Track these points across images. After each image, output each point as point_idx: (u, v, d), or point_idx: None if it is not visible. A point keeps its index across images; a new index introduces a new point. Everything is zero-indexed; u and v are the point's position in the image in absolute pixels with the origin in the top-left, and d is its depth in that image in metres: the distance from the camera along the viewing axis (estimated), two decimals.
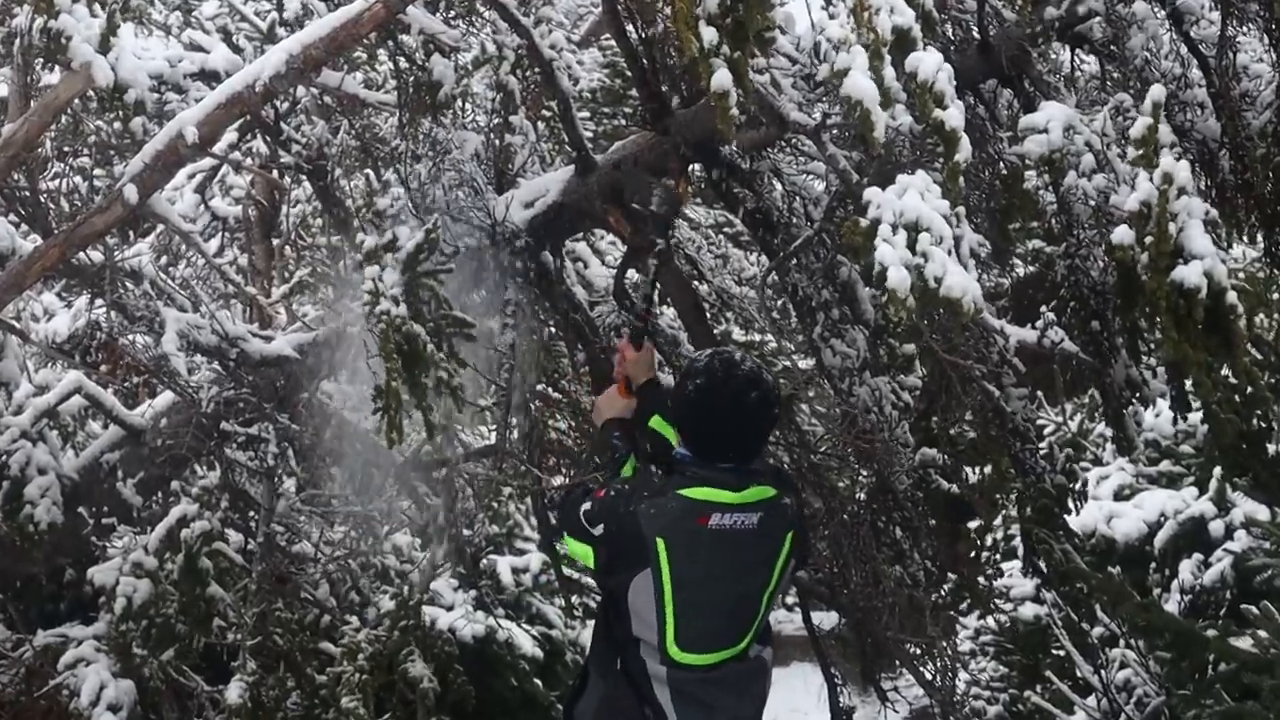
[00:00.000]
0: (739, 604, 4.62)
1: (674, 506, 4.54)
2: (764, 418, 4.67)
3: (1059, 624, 10.46)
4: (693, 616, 4.54)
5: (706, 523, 4.53)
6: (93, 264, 7.01)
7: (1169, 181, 4.94)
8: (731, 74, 4.84)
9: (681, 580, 4.51)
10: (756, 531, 4.59)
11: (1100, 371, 6.85)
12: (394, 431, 6.08)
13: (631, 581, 4.54)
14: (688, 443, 4.72)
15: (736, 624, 4.64)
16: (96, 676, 7.41)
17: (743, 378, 4.65)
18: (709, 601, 4.55)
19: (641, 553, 4.51)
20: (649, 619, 4.55)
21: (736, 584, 4.60)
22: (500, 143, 7.08)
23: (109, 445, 7.59)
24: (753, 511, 4.59)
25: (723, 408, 4.61)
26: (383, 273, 6.19)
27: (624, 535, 4.55)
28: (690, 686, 4.58)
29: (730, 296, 8.48)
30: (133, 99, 6.08)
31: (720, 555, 4.55)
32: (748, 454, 4.65)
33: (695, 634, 4.56)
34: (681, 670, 4.57)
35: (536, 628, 12.56)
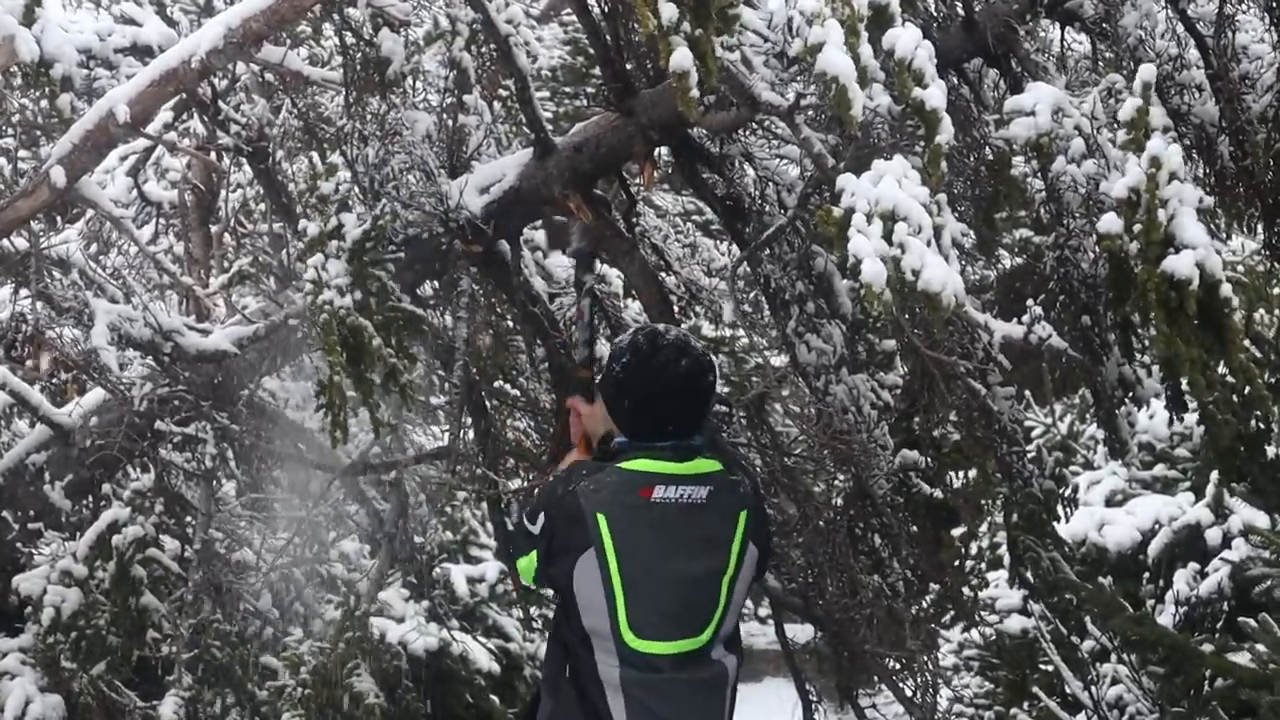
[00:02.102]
0: (694, 585, 4.57)
1: (613, 480, 4.56)
2: (698, 386, 4.67)
3: (1047, 637, 10.51)
4: (644, 597, 4.50)
5: (650, 495, 4.52)
6: (17, 252, 6.97)
7: (1158, 166, 4.95)
8: (693, 52, 4.83)
9: (627, 557, 4.49)
10: (706, 506, 4.57)
11: (1091, 369, 6.87)
12: (339, 430, 6.08)
13: (575, 566, 4.51)
14: (624, 428, 4.73)
15: (693, 610, 4.58)
16: (22, 690, 7.36)
17: (670, 347, 4.66)
18: (660, 581, 4.52)
19: (583, 533, 4.50)
20: (598, 604, 4.51)
21: (689, 562, 4.55)
22: (454, 124, 7.06)
23: (35, 445, 7.54)
24: (700, 484, 4.58)
25: (653, 382, 4.63)
26: (327, 262, 6.18)
27: (563, 516, 4.55)
28: (644, 694, 4.52)
29: (699, 289, 8.46)
30: (60, 75, 6.04)
31: (667, 530, 4.53)
32: (687, 428, 4.66)
33: (648, 617, 4.51)
34: (637, 668, 4.51)
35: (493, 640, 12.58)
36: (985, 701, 12.99)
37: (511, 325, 8.39)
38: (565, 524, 4.54)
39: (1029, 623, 11.54)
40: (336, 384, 5.99)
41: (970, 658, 13.26)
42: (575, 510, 4.52)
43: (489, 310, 8.25)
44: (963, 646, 13.32)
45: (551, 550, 4.59)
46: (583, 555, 4.50)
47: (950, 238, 4.97)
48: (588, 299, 5.98)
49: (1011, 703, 11.89)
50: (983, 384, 7.10)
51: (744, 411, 7.47)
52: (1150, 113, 5.07)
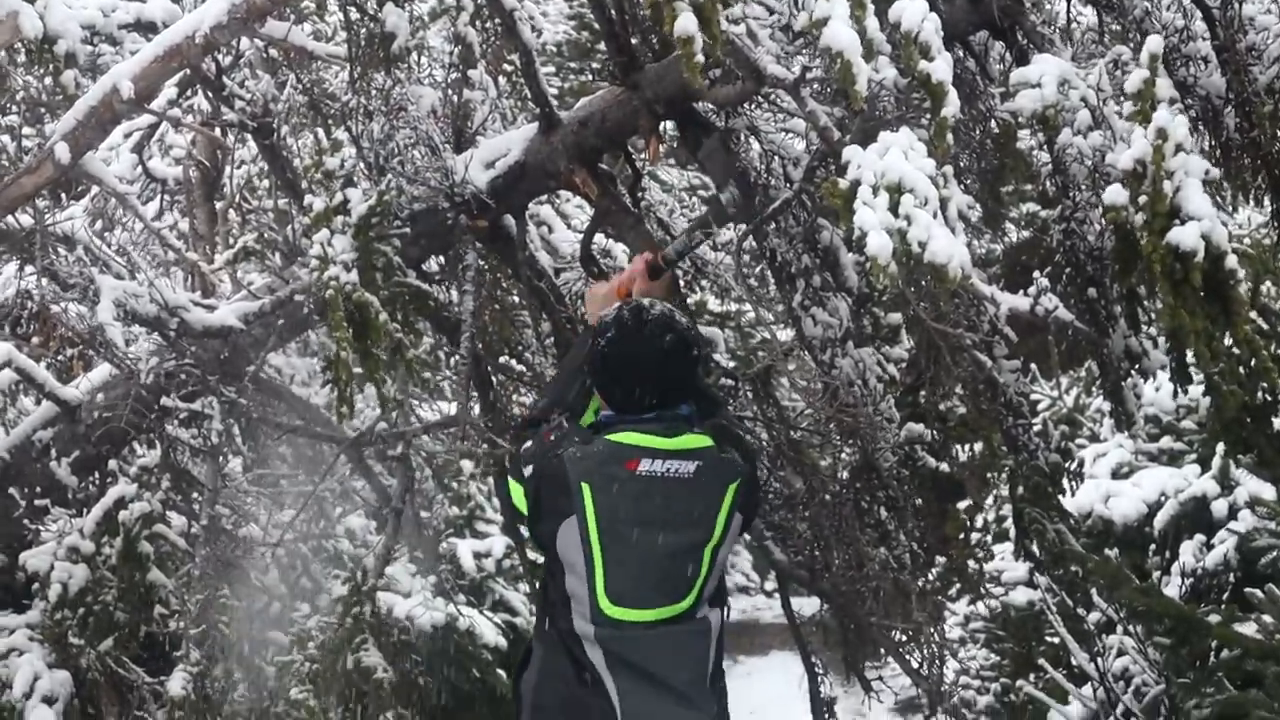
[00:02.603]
0: (676, 558, 4.63)
1: (600, 450, 4.61)
2: (681, 361, 4.73)
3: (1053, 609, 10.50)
4: (623, 568, 4.57)
5: (635, 467, 4.58)
6: (22, 228, 6.98)
7: (1164, 137, 4.94)
8: (698, 19, 4.82)
9: (608, 527, 4.55)
10: (693, 481, 4.63)
11: (1097, 342, 6.86)
12: (345, 405, 6.08)
13: (559, 529, 4.59)
14: (607, 400, 4.80)
15: (674, 580, 4.64)
16: (30, 667, 7.38)
17: (654, 323, 4.74)
18: (640, 552, 4.57)
19: (566, 499, 4.57)
20: (579, 570, 4.58)
21: (672, 535, 4.61)
22: (459, 99, 7.06)
23: (41, 422, 7.55)
24: (688, 459, 4.63)
25: (637, 357, 4.70)
26: (332, 237, 6.19)
27: (549, 479, 4.62)
28: (619, 646, 4.58)
29: (704, 263, 8.45)
30: (64, 51, 6.04)
31: (651, 503, 4.58)
32: (671, 400, 4.73)
33: (626, 587, 4.58)
34: (611, 628, 4.58)
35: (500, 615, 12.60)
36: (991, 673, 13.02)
37: (517, 300, 8.39)
38: (550, 487, 4.62)
39: (1035, 595, 11.54)
40: (343, 359, 6.00)
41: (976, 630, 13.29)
42: (561, 475, 4.58)
43: (494, 285, 8.26)
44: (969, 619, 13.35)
45: (539, 511, 4.68)
46: (565, 521, 4.58)
47: (956, 210, 4.97)
48: (702, 234, 5.95)
49: (1017, 674, 11.90)
50: (989, 357, 7.10)
51: (750, 385, 7.47)
52: (1157, 84, 5.05)
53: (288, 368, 8.30)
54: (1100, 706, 9.81)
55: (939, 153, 4.94)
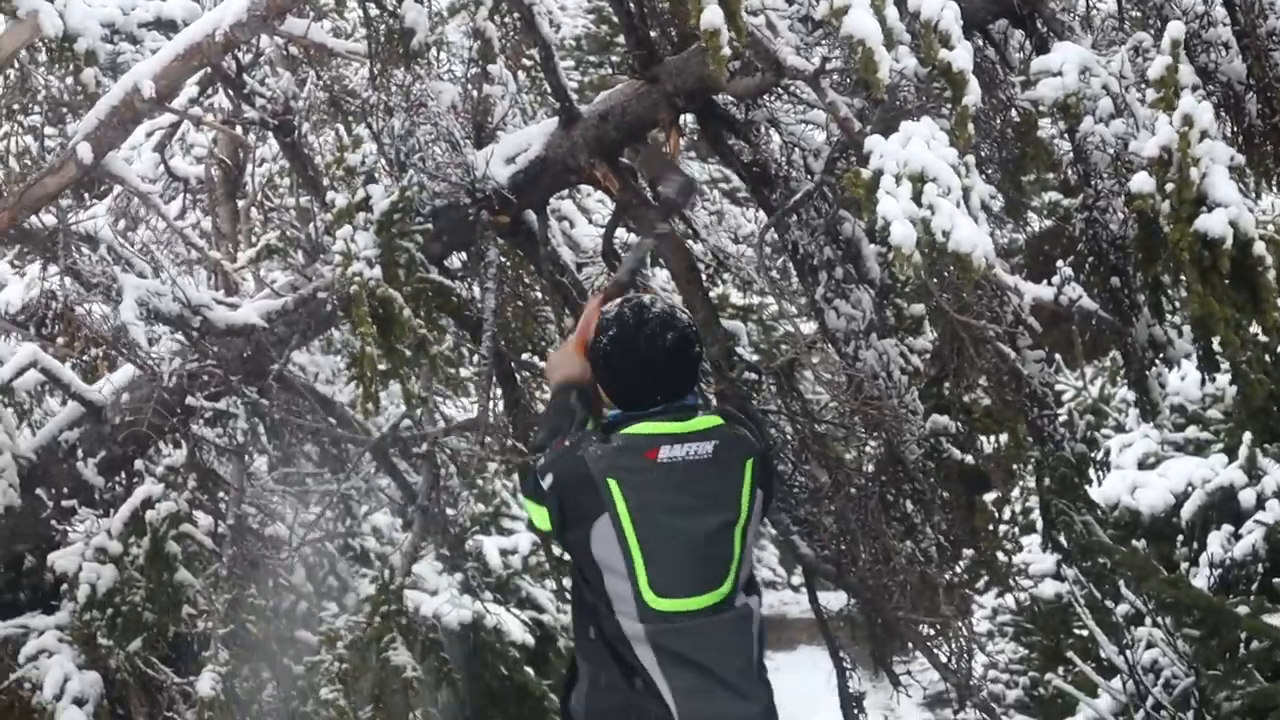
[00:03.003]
0: (709, 540, 4.60)
1: (619, 445, 4.59)
2: (685, 357, 4.72)
3: (1081, 602, 10.49)
4: (662, 557, 4.53)
5: (656, 456, 4.56)
6: (45, 228, 7.00)
7: (1190, 124, 4.93)
8: (723, 10, 4.83)
9: (641, 519, 4.52)
10: (712, 460, 4.61)
11: (1122, 331, 6.84)
12: (370, 403, 6.09)
13: (591, 531, 4.54)
14: (613, 398, 4.79)
15: (712, 564, 4.61)
16: (60, 669, 7.40)
17: (656, 320, 4.72)
18: (676, 539, 4.55)
19: (594, 498, 4.53)
20: (618, 568, 4.54)
21: (702, 518, 4.59)
22: (479, 94, 7.07)
23: (68, 423, 7.58)
24: (705, 440, 4.62)
25: (641, 354, 4.68)
26: (355, 234, 6.20)
27: (573, 482, 4.58)
28: (671, 641, 4.54)
29: (727, 256, 8.44)
30: (84, 49, 6.06)
31: (677, 488, 4.57)
32: (676, 394, 4.71)
33: (669, 576, 4.54)
34: (660, 623, 4.54)
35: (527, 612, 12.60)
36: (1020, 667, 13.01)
37: (539, 296, 8.39)
38: (575, 490, 4.58)
39: (1063, 587, 11.53)
40: (367, 356, 6.01)
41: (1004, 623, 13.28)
42: (585, 475, 4.55)
43: (516, 281, 8.26)
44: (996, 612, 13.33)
45: (565, 517, 4.62)
46: (597, 521, 4.53)
47: (979, 199, 4.96)
48: (656, 240, 5.94)
49: (1046, 668, 11.89)
50: (1013, 347, 7.08)
51: (774, 379, 7.46)
52: (1180, 70, 5.04)
53: (311, 365, 8.31)
54: (1130, 699, 9.79)
55: (961, 142, 4.94)
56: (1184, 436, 11.80)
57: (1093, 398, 12.92)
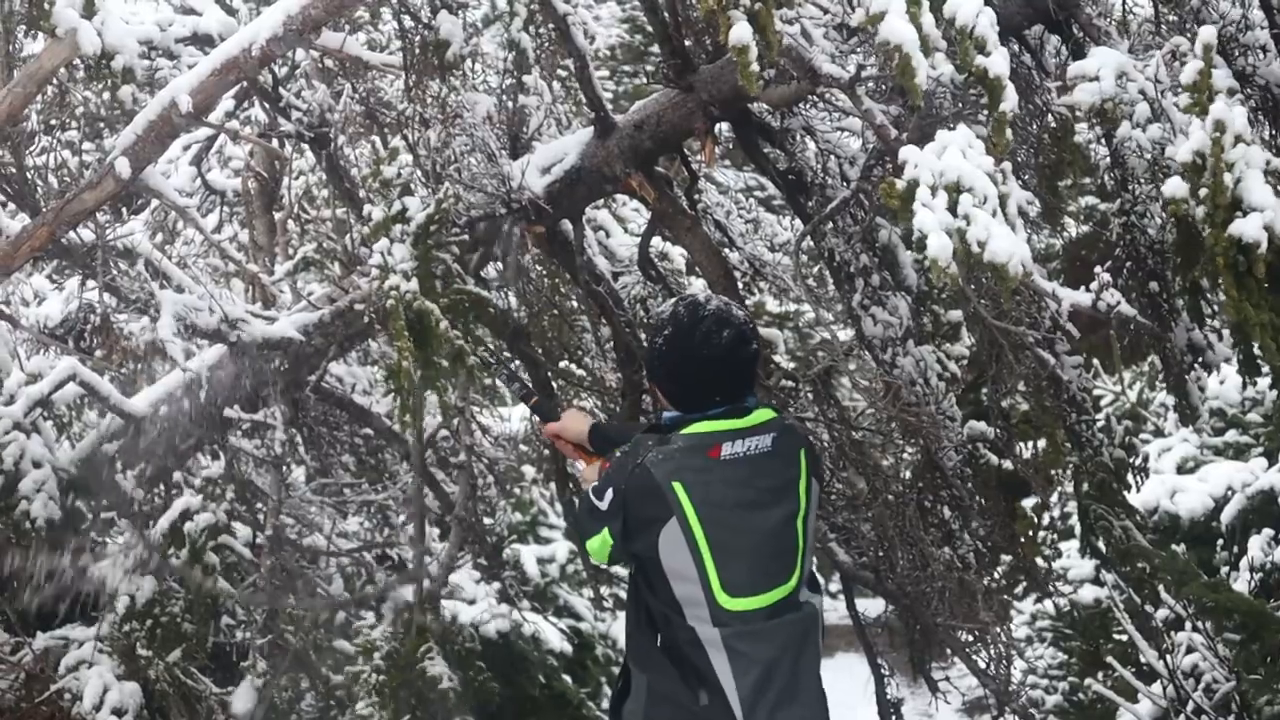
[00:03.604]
0: (775, 535, 4.58)
1: (681, 446, 4.54)
2: (743, 354, 4.65)
3: (1120, 607, 10.45)
4: (732, 556, 4.49)
5: (719, 454, 4.52)
6: (84, 243, 7.03)
7: (1222, 129, 4.91)
8: (753, 26, 4.83)
9: (710, 519, 4.48)
10: (772, 453, 4.59)
11: (1160, 336, 6.82)
12: (407, 414, 6.10)
13: (659, 538, 4.49)
14: (671, 399, 4.73)
15: (779, 558, 4.59)
16: (99, 679, 7.44)
17: (712, 317, 4.65)
18: (744, 537, 4.52)
19: (661, 504, 4.48)
20: (688, 573, 4.49)
21: (767, 513, 4.57)
22: (514, 105, 7.08)
23: (107, 435, 7.60)
24: (764, 433, 4.60)
25: (697, 352, 4.62)
26: (391, 246, 6.21)
27: (637, 491, 4.52)
28: (745, 645, 4.51)
29: (763, 264, 8.43)
30: (121, 66, 6.09)
31: (742, 484, 4.53)
32: (735, 394, 4.66)
33: (740, 575, 4.51)
34: (735, 624, 4.50)
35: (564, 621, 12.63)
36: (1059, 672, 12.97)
37: (575, 305, 8.40)
38: (640, 497, 4.51)
39: (1102, 592, 11.49)
40: (404, 367, 6.01)
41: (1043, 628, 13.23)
42: (649, 482, 4.49)
43: (553, 290, 8.28)
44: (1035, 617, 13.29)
45: (629, 527, 4.56)
46: (665, 526, 4.48)
47: (1015, 207, 4.94)
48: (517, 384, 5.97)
49: (1085, 673, 11.84)
50: (1051, 353, 7.06)
51: (811, 386, 7.46)
52: (1213, 75, 5.02)
53: (348, 376, 8.33)
54: (1170, 704, 9.74)
55: (997, 149, 4.92)
56: (1224, 440, 11.75)
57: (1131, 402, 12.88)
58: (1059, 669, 13.02)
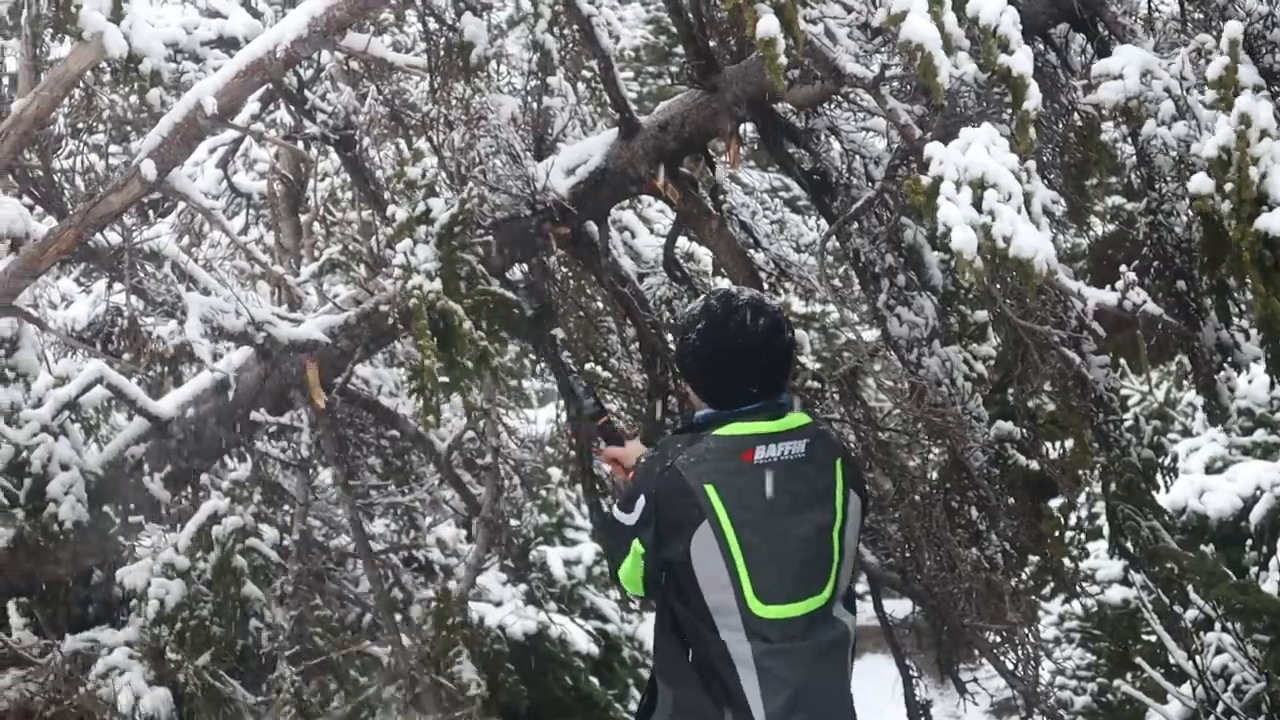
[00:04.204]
0: (809, 542, 4.50)
1: (714, 448, 4.47)
2: (778, 344, 4.59)
3: (1149, 607, 10.40)
4: (765, 562, 4.42)
5: (752, 457, 4.45)
6: (111, 246, 7.05)
7: (1247, 124, 4.89)
8: (779, 20, 4.83)
9: (742, 525, 4.40)
10: (806, 459, 4.51)
11: (1188, 335, 6.81)
12: (432, 415, 6.11)
13: (691, 543, 4.41)
14: (705, 396, 4.66)
15: (812, 566, 4.51)
16: (131, 689, 7.44)
17: (745, 307, 4.60)
18: (777, 542, 4.44)
19: (693, 507, 4.41)
20: (721, 578, 4.41)
21: (801, 519, 4.49)
22: (538, 106, 7.09)
23: (134, 438, 7.63)
24: (799, 438, 4.52)
25: (733, 343, 4.56)
26: (416, 247, 6.23)
27: (668, 493, 4.45)
28: (776, 664, 4.42)
29: (788, 265, 8.42)
30: (148, 69, 6.11)
31: (775, 489, 4.46)
32: (772, 387, 4.59)
33: (772, 581, 4.43)
34: (766, 638, 4.42)
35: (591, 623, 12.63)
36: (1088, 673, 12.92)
37: (601, 306, 8.41)
38: (671, 500, 4.44)
39: (1130, 593, 11.44)
40: (428, 368, 6.02)
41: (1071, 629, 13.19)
42: (681, 485, 4.43)
43: (578, 292, 8.29)
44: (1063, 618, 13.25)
45: (660, 532, 4.47)
46: (698, 529, 4.40)
47: (1040, 205, 4.94)
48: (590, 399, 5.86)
49: (1114, 674, 11.80)
50: (1077, 353, 7.04)
51: (836, 387, 7.45)
52: (1239, 71, 5.01)
53: (374, 378, 8.35)
54: (1200, 705, 9.70)
55: (1021, 147, 4.92)
56: (1252, 440, 11.71)
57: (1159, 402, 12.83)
58: (1087, 670, 12.97)
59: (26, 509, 7.27)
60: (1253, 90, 5.07)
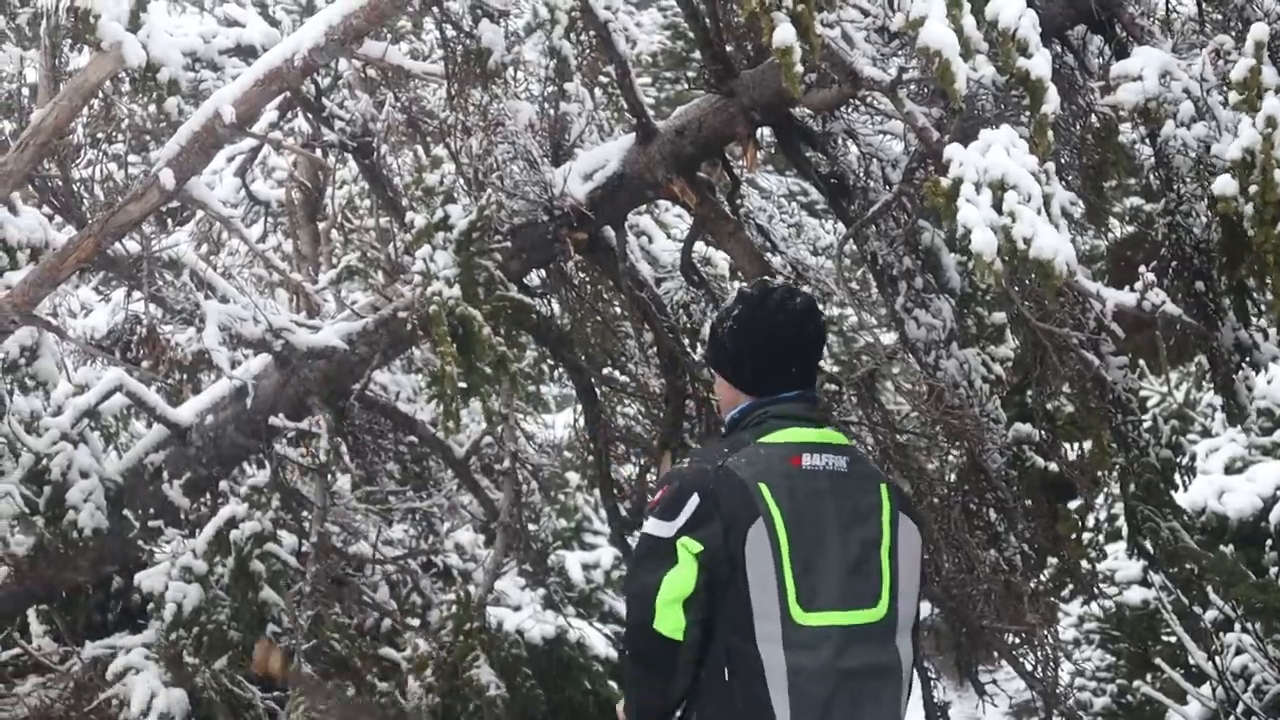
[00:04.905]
0: (855, 554, 4.38)
1: (762, 454, 4.39)
2: (814, 322, 4.57)
3: (1168, 608, 10.39)
4: (811, 566, 4.30)
5: (799, 464, 4.37)
6: (129, 255, 7.07)
7: (1273, 125, 4.88)
8: (795, 28, 4.82)
9: (794, 526, 4.30)
10: (849, 474, 4.44)
11: (1207, 335, 6.79)
12: (450, 420, 6.11)
13: (747, 537, 4.27)
14: (743, 383, 4.59)
15: (860, 578, 4.38)
16: (146, 686, 7.45)
17: (781, 289, 4.61)
18: (823, 548, 4.33)
19: (749, 503, 4.28)
20: (768, 580, 4.27)
21: (848, 530, 4.38)
22: (555, 112, 7.10)
23: (153, 445, 7.65)
24: (839, 454, 4.45)
25: (772, 319, 4.53)
26: (434, 253, 6.24)
27: (727, 488, 4.31)
28: (811, 683, 4.26)
29: (806, 268, 8.41)
30: (166, 79, 6.12)
31: (823, 496, 4.37)
32: (808, 371, 4.57)
33: (817, 586, 4.30)
34: (805, 648, 4.26)
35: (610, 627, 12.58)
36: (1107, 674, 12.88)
37: (618, 311, 8.40)
38: (731, 494, 4.30)
39: (1150, 594, 11.41)
40: (447, 374, 6.03)
41: (1091, 631, 13.15)
42: (736, 480, 4.32)
43: (595, 297, 8.28)
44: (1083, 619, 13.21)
45: (727, 526, 4.28)
46: (753, 525, 4.28)
47: (1059, 207, 4.93)
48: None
49: (1134, 675, 11.77)
50: (1096, 354, 7.02)
51: (854, 390, 7.44)
52: (1263, 72, 4.99)
53: (393, 384, 8.35)
54: (1220, 706, 9.69)
55: (1040, 149, 4.91)
56: (1272, 440, 11.67)
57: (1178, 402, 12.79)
58: (1107, 671, 12.93)
59: (47, 516, 7.29)
60: (1276, 92, 5.05)
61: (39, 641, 8.42)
